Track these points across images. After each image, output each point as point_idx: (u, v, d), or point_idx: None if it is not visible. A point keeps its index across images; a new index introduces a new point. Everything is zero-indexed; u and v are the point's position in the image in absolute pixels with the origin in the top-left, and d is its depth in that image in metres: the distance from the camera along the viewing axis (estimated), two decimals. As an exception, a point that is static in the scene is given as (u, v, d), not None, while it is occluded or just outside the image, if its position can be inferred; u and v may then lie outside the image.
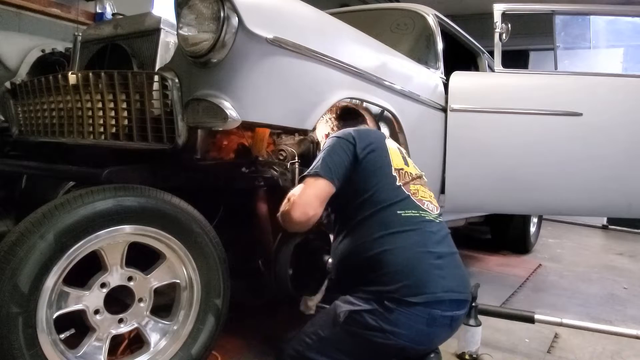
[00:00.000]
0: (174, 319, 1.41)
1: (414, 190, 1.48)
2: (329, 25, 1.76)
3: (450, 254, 1.43)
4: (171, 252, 1.37)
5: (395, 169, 1.49)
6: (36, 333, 1.12)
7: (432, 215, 1.47)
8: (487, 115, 2.48)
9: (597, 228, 6.42)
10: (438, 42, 2.74)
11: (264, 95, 1.42)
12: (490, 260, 3.92)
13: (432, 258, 1.36)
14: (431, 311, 1.30)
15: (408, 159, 1.60)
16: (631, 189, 2.56)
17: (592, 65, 3.90)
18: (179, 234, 1.35)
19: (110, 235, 1.22)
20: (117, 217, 1.22)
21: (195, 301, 1.42)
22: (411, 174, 1.52)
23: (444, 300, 1.32)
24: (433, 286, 1.32)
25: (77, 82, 1.50)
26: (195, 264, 1.40)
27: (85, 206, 1.17)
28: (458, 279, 1.40)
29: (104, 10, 3.65)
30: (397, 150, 1.59)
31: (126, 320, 1.32)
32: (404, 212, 1.41)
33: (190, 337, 1.41)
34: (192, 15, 1.32)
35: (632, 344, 2.12)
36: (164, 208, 1.32)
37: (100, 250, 1.24)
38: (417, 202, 1.46)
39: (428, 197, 1.52)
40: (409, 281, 1.30)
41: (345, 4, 5.36)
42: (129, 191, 1.27)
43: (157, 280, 1.37)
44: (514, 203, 2.64)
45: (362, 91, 1.84)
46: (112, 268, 1.28)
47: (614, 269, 3.96)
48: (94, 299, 1.25)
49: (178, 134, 1.37)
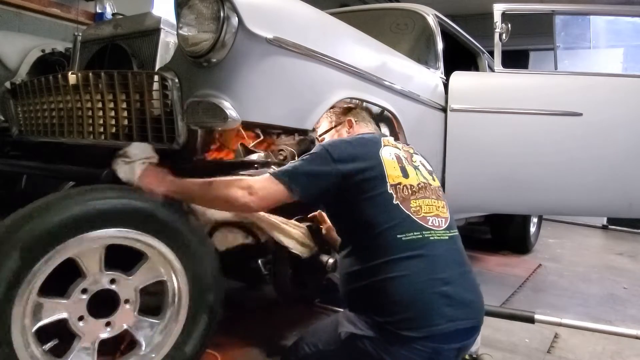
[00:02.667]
0: (164, 317, 1.38)
1: (416, 207, 1.33)
2: (329, 25, 1.76)
3: (461, 275, 1.30)
4: (152, 251, 1.32)
5: (391, 185, 1.32)
6: (14, 351, 1.10)
7: (438, 232, 1.32)
8: (487, 115, 2.48)
9: (597, 228, 6.42)
10: (438, 42, 2.74)
11: (264, 95, 1.42)
12: (490, 260, 3.92)
13: (437, 286, 1.24)
14: (436, 346, 1.21)
15: (408, 167, 1.41)
16: (631, 189, 2.56)
17: (592, 65, 3.90)
18: (157, 232, 1.29)
19: (80, 243, 1.18)
20: (87, 224, 1.18)
21: (184, 298, 1.37)
22: (411, 187, 1.35)
23: (449, 332, 1.22)
24: (437, 318, 1.21)
25: (77, 82, 1.50)
26: (180, 261, 1.34)
27: (50, 216, 1.13)
28: (468, 304, 1.27)
29: (104, 10, 3.65)
30: (394, 160, 1.39)
31: (114, 324, 1.29)
32: (405, 235, 1.27)
33: (182, 335, 1.37)
34: (192, 15, 1.32)
35: (632, 344, 2.12)
36: (137, 207, 1.26)
37: (74, 257, 1.20)
38: (420, 220, 1.31)
39: (435, 210, 1.36)
40: (410, 314, 1.20)
41: (345, 4, 5.36)
42: (97, 193, 1.22)
43: (141, 280, 1.33)
44: (514, 203, 2.64)
45: (362, 91, 1.84)
46: (91, 273, 1.24)
47: (614, 269, 3.96)
48: (76, 306, 1.22)
49: (178, 134, 1.37)
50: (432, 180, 1.45)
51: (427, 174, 1.45)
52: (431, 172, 1.49)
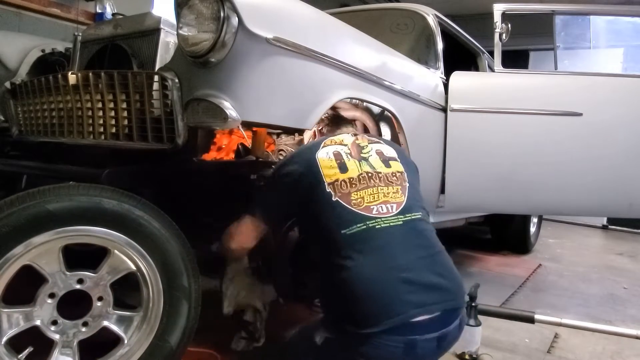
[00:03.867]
0: (141, 308, 1.35)
1: (357, 198, 1.30)
2: (329, 25, 1.76)
3: (423, 259, 1.24)
4: (112, 244, 1.28)
5: (328, 183, 1.33)
6: None
7: (387, 219, 1.28)
8: (487, 115, 2.48)
9: (597, 228, 6.42)
10: (438, 42, 2.74)
11: (264, 95, 1.42)
12: (490, 260, 3.92)
13: (395, 273, 1.19)
14: (407, 338, 1.14)
15: (348, 162, 1.39)
16: (631, 189, 2.56)
17: (592, 65, 3.89)
18: (112, 225, 1.26)
19: (27, 250, 1.16)
20: (30, 229, 1.16)
21: (157, 285, 1.34)
22: (350, 180, 1.34)
23: (420, 321, 1.15)
24: (399, 306, 1.14)
25: (77, 82, 1.50)
26: (144, 250, 1.31)
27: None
28: (435, 287, 1.20)
29: (104, 10, 3.66)
30: (331, 158, 1.39)
31: (90, 322, 1.27)
32: (348, 229, 1.25)
33: (163, 323, 1.35)
34: (192, 15, 1.32)
35: (632, 344, 2.12)
36: (84, 203, 1.23)
37: (30, 263, 1.18)
38: (362, 211, 1.28)
39: (382, 197, 1.32)
40: (367, 309, 1.15)
41: (345, 4, 5.36)
42: (39, 196, 1.19)
43: (110, 274, 1.30)
44: (514, 203, 2.64)
45: (362, 91, 1.84)
46: (54, 276, 1.22)
47: (614, 269, 3.96)
48: (45, 311, 1.20)
49: (178, 134, 1.37)
50: (384, 167, 1.42)
51: (379, 162, 1.43)
52: (390, 158, 1.47)
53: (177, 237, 1.38)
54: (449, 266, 1.29)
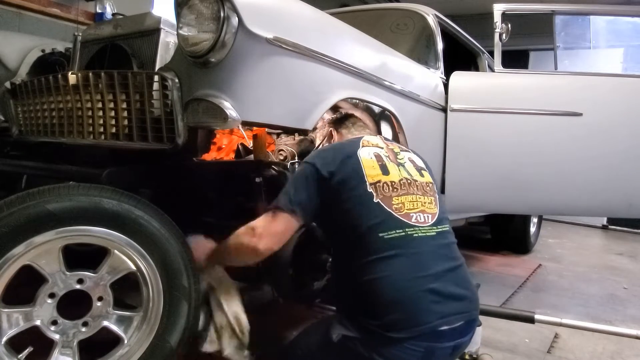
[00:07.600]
0: (141, 308, 1.35)
1: (398, 203, 1.31)
2: (329, 25, 1.76)
3: (450, 270, 1.28)
4: (112, 244, 1.28)
5: (370, 183, 1.32)
6: None
7: (423, 228, 1.30)
8: (487, 115, 2.48)
9: (597, 228, 6.42)
10: (438, 42, 2.75)
11: (264, 95, 1.42)
12: (490, 260, 3.92)
13: (424, 283, 1.21)
14: (428, 345, 1.19)
15: (389, 165, 1.39)
16: (631, 189, 2.56)
17: (592, 65, 3.90)
18: (112, 225, 1.26)
19: (27, 250, 1.16)
20: (30, 229, 1.16)
21: (157, 286, 1.34)
22: (392, 183, 1.34)
23: (442, 330, 1.19)
24: (426, 315, 1.18)
25: (77, 82, 1.50)
26: (144, 250, 1.31)
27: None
28: (458, 299, 1.25)
29: (104, 10, 3.65)
30: (373, 158, 1.39)
31: (90, 322, 1.27)
32: (387, 233, 1.25)
33: (163, 324, 1.35)
34: (192, 15, 1.32)
35: (632, 344, 2.12)
36: (84, 202, 1.22)
37: (30, 263, 1.17)
38: (402, 217, 1.29)
39: (420, 205, 1.34)
40: (397, 315, 1.18)
41: (345, 4, 5.36)
42: (39, 196, 1.18)
43: (110, 275, 1.30)
44: (514, 203, 2.64)
45: (362, 91, 1.84)
46: (54, 276, 1.22)
47: (614, 269, 3.96)
48: (45, 311, 1.20)
49: (178, 134, 1.37)
50: (419, 176, 1.43)
51: (414, 170, 1.44)
52: (421, 168, 1.48)
53: (177, 237, 1.38)
54: (469, 279, 1.33)
